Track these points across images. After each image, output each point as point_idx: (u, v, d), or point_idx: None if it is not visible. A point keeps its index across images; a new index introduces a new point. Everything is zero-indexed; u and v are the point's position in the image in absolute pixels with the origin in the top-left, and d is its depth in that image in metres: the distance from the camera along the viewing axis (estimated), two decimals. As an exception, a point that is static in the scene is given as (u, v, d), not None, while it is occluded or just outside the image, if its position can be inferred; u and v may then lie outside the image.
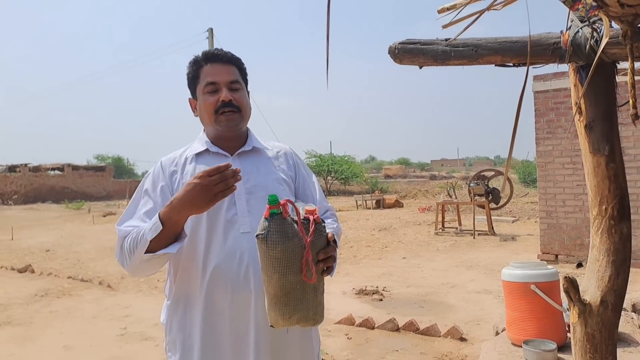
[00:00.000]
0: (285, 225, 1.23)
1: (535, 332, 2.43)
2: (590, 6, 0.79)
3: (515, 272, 2.53)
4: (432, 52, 1.44)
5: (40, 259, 8.94)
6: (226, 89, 1.53)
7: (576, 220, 7.14)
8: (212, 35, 19.56)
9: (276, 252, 1.22)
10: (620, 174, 1.34)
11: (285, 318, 1.29)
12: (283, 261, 1.23)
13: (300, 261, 1.25)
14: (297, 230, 1.25)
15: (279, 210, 1.23)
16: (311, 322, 1.33)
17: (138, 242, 1.37)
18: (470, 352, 3.78)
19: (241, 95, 1.57)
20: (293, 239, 1.24)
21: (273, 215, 1.23)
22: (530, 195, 18.99)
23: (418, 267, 7.28)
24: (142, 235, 1.36)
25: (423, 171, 45.79)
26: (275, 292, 1.27)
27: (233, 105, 1.53)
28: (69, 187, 32.29)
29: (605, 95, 1.29)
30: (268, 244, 1.22)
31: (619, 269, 1.35)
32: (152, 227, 1.34)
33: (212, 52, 1.58)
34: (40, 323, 4.95)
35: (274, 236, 1.22)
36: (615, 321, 1.37)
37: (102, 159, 51.83)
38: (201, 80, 1.56)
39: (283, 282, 1.25)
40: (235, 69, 1.59)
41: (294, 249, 1.24)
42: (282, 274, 1.24)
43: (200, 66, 1.57)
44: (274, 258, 1.23)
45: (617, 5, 0.76)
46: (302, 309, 1.29)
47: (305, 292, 1.28)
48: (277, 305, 1.28)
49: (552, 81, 7.28)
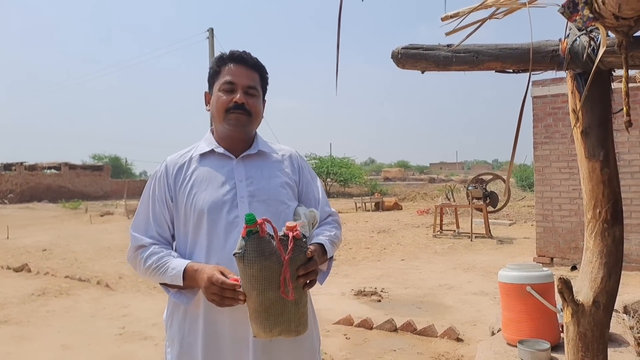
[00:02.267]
0: (263, 243, 1.26)
1: (530, 332, 2.48)
2: (587, 18, 0.83)
3: (512, 273, 2.57)
4: (434, 58, 1.48)
5: (36, 258, 8.94)
6: (242, 92, 1.55)
7: (571, 223, 7.20)
8: (212, 36, 19.59)
9: (253, 270, 1.25)
10: (614, 179, 1.38)
11: (267, 331, 1.32)
12: (260, 279, 1.26)
13: (278, 278, 1.27)
14: (275, 248, 1.27)
15: (256, 229, 1.26)
16: (294, 333, 1.36)
17: (156, 274, 1.49)
18: (466, 352, 3.83)
19: (255, 102, 1.58)
20: (270, 258, 1.26)
21: (250, 234, 1.26)
22: (527, 199, 19.07)
23: (416, 269, 7.32)
24: (163, 272, 1.47)
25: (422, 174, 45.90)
26: (255, 308, 1.30)
27: (244, 109, 1.55)
28: (65, 187, 32.23)
29: (601, 102, 1.34)
30: (245, 263, 1.25)
31: (611, 270, 1.40)
32: (174, 275, 1.45)
33: (239, 53, 1.60)
34: (38, 322, 4.97)
35: (250, 255, 1.25)
36: (606, 321, 1.42)
37: (99, 158, 51.72)
38: (221, 77, 1.58)
39: (261, 298, 1.28)
40: (257, 76, 1.60)
41: (271, 267, 1.26)
42: (260, 291, 1.27)
43: (224, 63, 1.59)
44: (252, 276, 1.26)
45: (612, 17, 0.80)
46: (283, 322, 1.32)
47: (286, 306, 1.31)
48: (258, 320, 1.31)
49: (550, 87, 7.34)
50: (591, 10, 0.80)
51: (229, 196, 1.51)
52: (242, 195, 1.52)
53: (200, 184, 1.53)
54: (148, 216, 1.56)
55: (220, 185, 1.53)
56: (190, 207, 1.51)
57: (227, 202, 1.50)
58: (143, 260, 1.51)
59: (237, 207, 1.50)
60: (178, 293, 1.49)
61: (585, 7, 0.79)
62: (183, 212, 1.53)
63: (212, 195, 1.51)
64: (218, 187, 1.52)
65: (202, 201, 1.50)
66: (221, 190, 1.52)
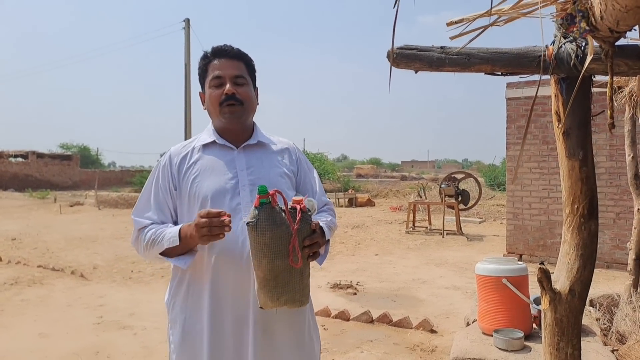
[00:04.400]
0: (274, 213, 1.35)
1: (505, 322, 2.61)
2: (584, 30, 0.93)
3: (489, 266, 2.70)
4: (428, 59, 1.56)
5: (6, 247, 8.74)
6: (230, 82, 1.61)
7: (540, 222, 7.47)
8: (188, 26, 19.35)
9: (265, 238, 1.34)
10: (592, 177, 1.50)
11: (274, 299, 1.40)
12: (272, 247, 1.35)
13: (287, 247, 1.36)
14: (285, 219, 1.37)
15: (268, 200, 1.35)
16: (297, 303, 1.45)
17: (155, 244, 1.53)
18: (440, 343, 3.97)
19: (245, 90, 1.65)
20: (281, 226, 1.35)
21: (262, 204, 1.35)
22: (496, 198, 19.53)
23: (390, 264, 7.47)
24: (160, 240, 1.52)
25: (394, 172, 46.36)
26: (264, 276, 1.38)
27: (236, 99, 1.61)
28: (33, 175, 31.34)
29: (582, 106, 1.45)
30: (258, 231, 1.34)
31: (586, 262, 1.51)
32: (170, 238, 1.50)
33: (220, 47, 1.66)
34: (12, 311, 4.89)
35: (263, 223, 1.34)
36: (581, 308, 1.53)
37: (67, 147, 50.37)
38: (209, 74, 1.65)
39: (271, 266, 1.36)
40: (242, 65, 1.67)
41: (281, 236, 1.35)
42: (271, 258, 1.36)
43: (209, 61, 1.66)
44: (263, 244, 1.35)
45: (607, 30, 0.89)
46: (289, 292, 1.41)
47: (292, 275, 1.40)
48: (266, 288, 1.39)
49: (524, 89, 7.57)
50: (587, 24, 0.89)
51: (231, 184, 1.58)
52: (244, 183, 1.58)
53: (204, 172, 1.60)
54: (150, 203, 1.62)
55: (222, 174, 1.59)
56: (193, 194, 1.57)
57: (229, 190, 1.57)
58: (144, 237, 1.57)
59: (238, 194, 1.57)
60: (176, 258, 1.55)
61: (582, 21, 0.89)
62: (187, 200, 1.59)
63: (215, 183, 1.57)
64: (221, 176, 1.59)
65: (206, 189, 1.56)
66: (224, 178, 1.58)
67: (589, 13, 0.90)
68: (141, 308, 5.03)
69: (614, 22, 0.84)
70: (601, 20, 0.87)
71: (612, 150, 6.90)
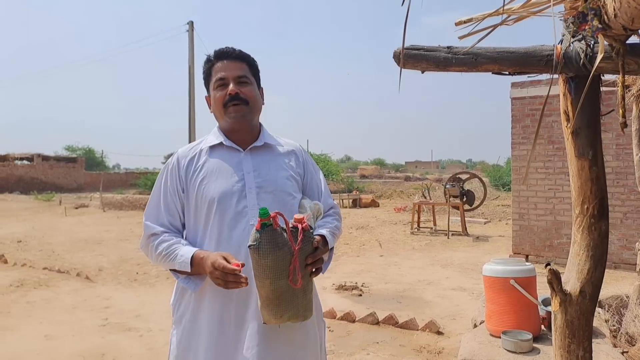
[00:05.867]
0: (276, 235, 1.35)
1: (513, 324, 2.59)
2: (596, 28, 0.91)
3: (496, 267, 2.68)
4: (435, 59, 1.55)
5: (12, 249, 8.77)
6: (234, 83, 1.61)
7: (546, 222, 7.42)
8: (192, 29, 19.39)
9: (268, 260, 1.34)
10: (602, 177, 1.48)
11: (277, 317, 1.41)
12: (274, 268, 1.35)
13: (289, 267, 1.37)
14: (286, 239, 1.37)
15: (269, 222, 1.35)
16: (301, 318, 1.46)
17: (167, 260, 1.55)
18: (447, 344, 3.94)
19: (249, 89, 1.64)
20: (283, 248, 1.36)
21: (264, 226, 1.35)
22: (501, 198, 19.45)
23: (395, 265, 7.45)
24: (172, 258, 1.53)
25: (398, 172, 46.30)
26: (267, 295, 1.39)
27: (240, 98, 1.61)
28: (38, 178, 31.47)
29: (591, 105, 1.43)
30: (260, 254, 1.34)
31: (597, 262, 1.49)
32: (182, 262, 1.51)
33: (222, 50, 1.67)
34: (18, 313, 4.90)
35: (265, 247, 1.34)
36: (592, 309, 1.51)
37: (72, 150, 50.58)
38: (213, 77, 1.65)
39: (274, 286, 1.37)
40: (244, 65, 1.67)
41: (283, 257, 1.36)
42: (274, 279, 1.36)
43: (212, 64, 1.66)
44: (266, 266, 1.35)
45: (621, 28, 0.88)
46: (292, 308, 1.41)
47: (295, 293, 1.41)
48: (270, 307, 1.40)
49: (528, 88, 7.53)
50: (600, 22, 0.87)
51: (238, 187, 1.57)
52: (251, 186, 1.58)
53: (211, 174, 1.59)
54: (159, 206, 1.62)
55: (229, 176, 1.58)
56: (201, 196, 1.57)
57: (236, 193, 1.56)
58: (154, 247, 1.56)
59: (245, 197, 1.56)
60: (187, 279, 1.55)
61: (595, 19, 0.87)
62: (194, 202, 1.58)
63: (222, 186, 1.57)
64: (228, 178, 1.58)
65: (213, 191, 1.56)
66: (231, 181, 1.58)
67: (601, 11, 0.88)
68: (146, 310, 5.03)
69: (628, 20, 0.82)
70: (615, 18, 0.85)
71: (618, 149, 6.84)
